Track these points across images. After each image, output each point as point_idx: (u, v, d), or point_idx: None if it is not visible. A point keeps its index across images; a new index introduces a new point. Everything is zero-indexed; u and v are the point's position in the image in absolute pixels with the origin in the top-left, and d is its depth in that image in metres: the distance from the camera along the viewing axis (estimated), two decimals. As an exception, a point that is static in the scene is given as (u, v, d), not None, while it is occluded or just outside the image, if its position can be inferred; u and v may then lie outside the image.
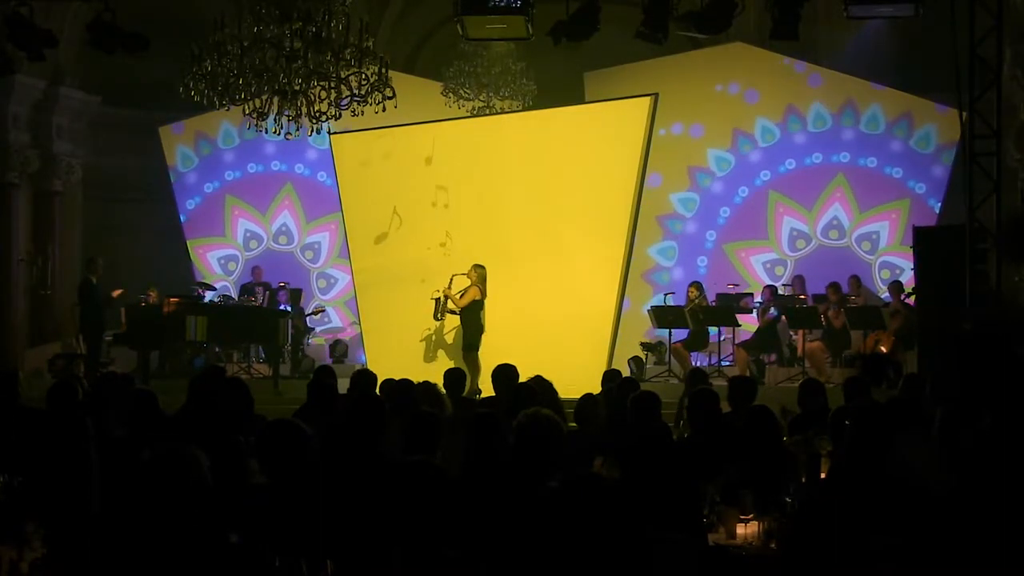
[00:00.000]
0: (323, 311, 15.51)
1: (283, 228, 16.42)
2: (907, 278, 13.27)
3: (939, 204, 14.11)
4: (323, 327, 15.98)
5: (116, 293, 13.27)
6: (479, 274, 12.13)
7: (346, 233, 13.70)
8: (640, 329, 14.02)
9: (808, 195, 14.64)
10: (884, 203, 14.36)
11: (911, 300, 12.24)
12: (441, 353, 12.71)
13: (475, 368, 11.54)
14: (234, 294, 15.69)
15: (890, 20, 12.94)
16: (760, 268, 14.82)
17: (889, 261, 14.36)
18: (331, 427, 5.34)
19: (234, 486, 4.32)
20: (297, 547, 3.89)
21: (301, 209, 16.33)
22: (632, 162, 12.26)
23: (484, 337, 12.09)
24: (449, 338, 12.75)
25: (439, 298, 12.36)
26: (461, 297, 12.17)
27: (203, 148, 16.43)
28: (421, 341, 12.84)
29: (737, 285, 14.35)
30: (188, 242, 16.39)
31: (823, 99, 14.52)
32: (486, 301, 12.16)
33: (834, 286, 13.26)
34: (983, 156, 10.11)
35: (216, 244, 16.48)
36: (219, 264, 16.40)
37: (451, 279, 12.24)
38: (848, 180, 14.49)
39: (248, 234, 16.47)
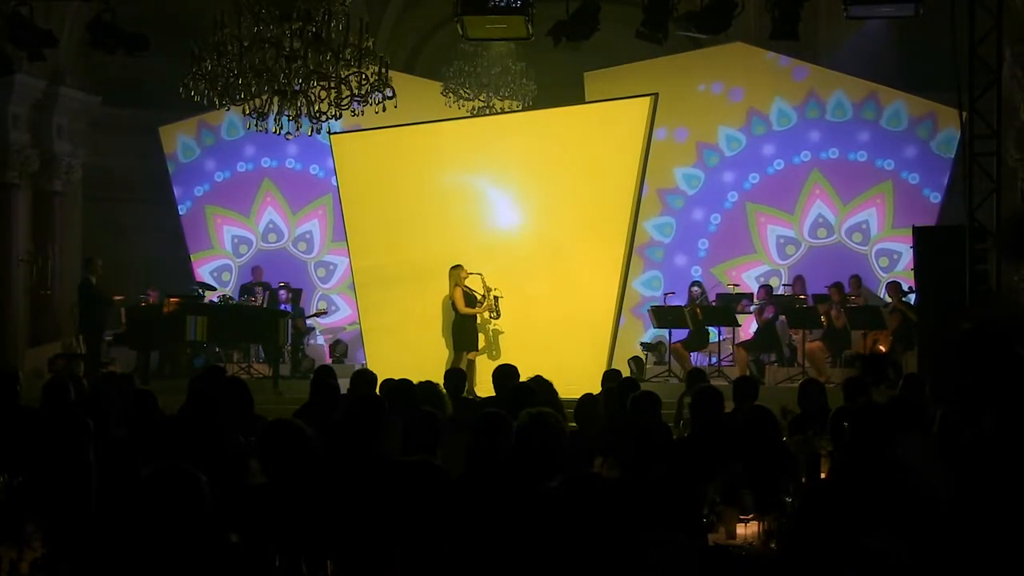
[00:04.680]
0: (325, 312, 15.50)
1: (271, 225, 16.31)
2: (906, 262, 13.30)
3: (918, 178, 14.16)
4: (328, 320, 15.92)
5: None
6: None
7: (346, 233, 13.69)
8: (630, 305, 14.02)
9: (786, 198, 14.63)
10: (866, 190, 14.34)
11: (911, 297, 12.26)
12: (441, 354, 12.67)
13: (472, 370, 11.63)
14: (234, 295, 15.68)
15: (890, 20, 12.94)
16: (754, 284, 14.71)
17: (885, 248, 14.35)
18: (331, 427, 5.34)
19: (234, 486, 4.33)
20: (297, 547, 3.89)
21: (285, 202, 16.23)
22: (632, 162, 12.25)
23: (483, 336, 12.19)
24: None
25: (498, 295, 12.25)
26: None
27: (207, 138, 16.35)
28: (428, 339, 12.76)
29: (738, 285, 14.36)
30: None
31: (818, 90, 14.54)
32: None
33: (837, 286, 13.28)
34: (983, 156, 10.12)
35: (206, 257, 16.38)
36: (213, 277, 16.23)
37: (480, 276, 12.15)
38: (824, 175, 14.48)
39: (236, 240, 16.37)
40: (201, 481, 3.28)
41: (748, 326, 13.92)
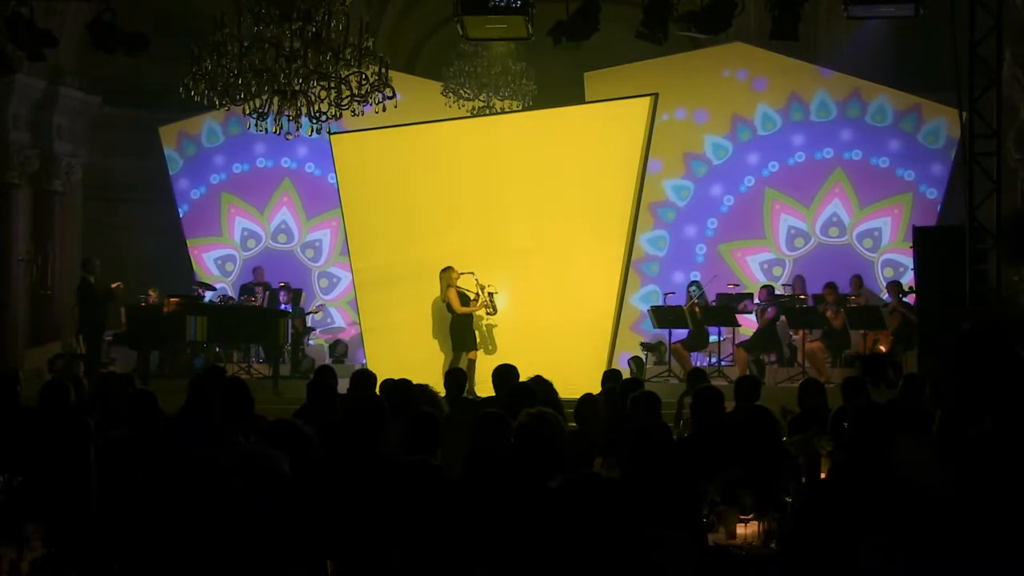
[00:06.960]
0: (323, 310, 15.48)
1: (282, 226, 16.26)
2: (909, 277, 13.23)
3: (937, 195, 14.03)
4: (324, 327, 15.92)
5: (115, 285, 13.13)
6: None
7: (346, 233, 13.70)
8: (630, 322, 14.00)
9: (806, 191, 14.52)
10: (885, 198, 14.23)
11: (911, 298, 12.23)
12: (441, 354, 12.67)
13: (472, 369, 11.64)
14: (233, 295, 15.68)
15: (890, 20, 12.94)
16: (757, 268, 14.70)
17: (892, 259, 14.24)
18: (331, 427, 5.34)
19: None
20: (297, 547, 3.89)
21: (301, 206, 16.18)
22: (632, 162, 12.26)
23: (477, 333, 12.22)
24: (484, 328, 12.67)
25: (492, 291, 12.25)
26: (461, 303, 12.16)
27: (188, 148, 16.28)
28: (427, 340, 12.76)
29: (737, 285, 14.34)
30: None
31: (829, 88, 14.42)
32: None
33: (831, 286, 13.23)
34: (983, 156, 10.11)
35: (212, 244, 16.33)
36: (216, 265, 16.25)
37: (472, 275, 12.18)
38: (847, 175, 14.37)
39: (246, 233, 16.31)
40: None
41: (745, 324, 13.91)
